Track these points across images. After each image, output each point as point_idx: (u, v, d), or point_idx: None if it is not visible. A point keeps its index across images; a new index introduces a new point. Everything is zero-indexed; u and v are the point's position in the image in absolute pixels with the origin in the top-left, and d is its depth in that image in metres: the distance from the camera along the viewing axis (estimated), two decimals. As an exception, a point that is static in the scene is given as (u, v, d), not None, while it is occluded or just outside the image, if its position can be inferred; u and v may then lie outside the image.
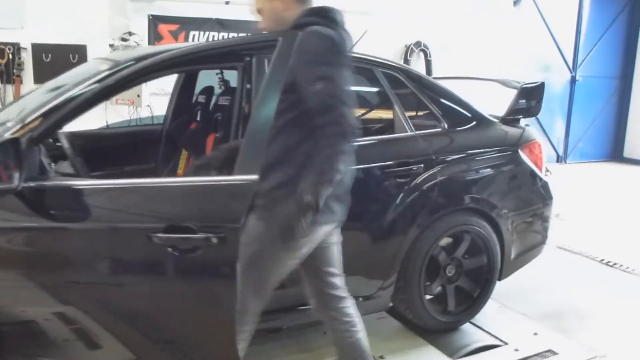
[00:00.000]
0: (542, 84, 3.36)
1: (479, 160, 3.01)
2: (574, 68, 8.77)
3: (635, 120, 9.16)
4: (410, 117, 2.91)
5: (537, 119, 8.50)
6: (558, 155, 8.97)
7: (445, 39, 7.04)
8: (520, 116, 3.33)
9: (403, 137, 2.83)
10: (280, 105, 1.80)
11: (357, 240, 2.64)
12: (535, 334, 3.09)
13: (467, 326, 3.13)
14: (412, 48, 7.03)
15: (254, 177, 1.69)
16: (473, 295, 3.04)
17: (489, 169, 3.03)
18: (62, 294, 1.84)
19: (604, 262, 4.34)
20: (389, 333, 3.04)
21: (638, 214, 5.83)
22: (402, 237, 2.73)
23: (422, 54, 7.13)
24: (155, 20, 5.77)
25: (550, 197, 3.32)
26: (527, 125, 3.38)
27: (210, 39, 6.01)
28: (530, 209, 3.23)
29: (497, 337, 3.03)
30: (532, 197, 3.23)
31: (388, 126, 2.86)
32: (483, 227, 2.96)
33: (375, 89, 2.93)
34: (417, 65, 7.10)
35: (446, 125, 2.97)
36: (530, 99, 3.29)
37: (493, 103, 3.37)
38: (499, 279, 3.17)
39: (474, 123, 3.10)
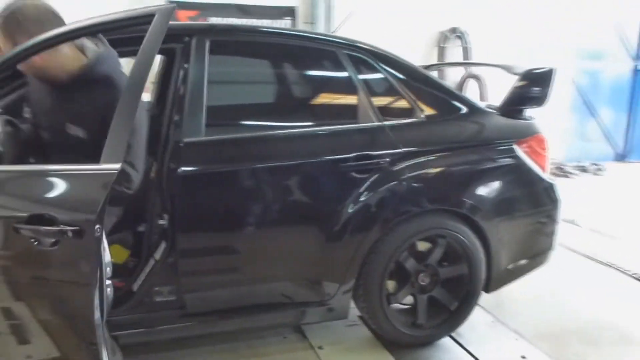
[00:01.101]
0: (552, 70, 2.92)
1: (461, 155, 2.64)
2: (638, 56, 7.92)
3: None
4: (381, 106, 2.60)
5: (592, 112, 7.80)
6: (617, 153, 8.18)
7: (485, 24, 6.52)
8: (524, 106, 2.91)
9: (365, 128, 2.52)
10: None
11: (307, 239, 2.40)
12: (523, 357, 2.70)
13: (446, 341, 2.80)
14: (446, 35, 6.57)
15: (117, 165, 1.48)
16: (450, 308, 2.70)
17: (472, 166, 2.65)
18: None
19: (635, 276, 3.81)
20: (354, 343, 2.75)
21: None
22: (360, 239, 2.43)
23: (458, 41, 6.65)
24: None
25: (556, 200, 2.89)
26: (530, 117, 2.96)
27: (231, 25, 5.87)
28: (528, 213, 2.81)
29: (475, 358, 2.67)
30: (531, 199, 2.82)
31: (350, 115, 2.56)
32: (462, 231, 2.60)
33: (336, 74, 2.62)
34: (453, 53, 6.64)
35: (423, 115, 2.63)
36: (535, 86, 2.87)
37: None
38: (487, 291, 2.81)
39: (460, 113, 2.74)
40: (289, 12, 6.12)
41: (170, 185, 2.20)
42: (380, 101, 2.61)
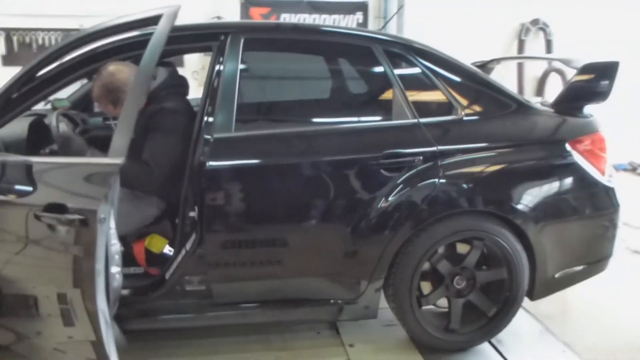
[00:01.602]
0: (615, 64, 2.69)
1: (503, 155, 2.51)
2: None
3: None
4: (418, 102, 2.52)
5: None
6: None
7: (570, 15, 6.08)
8: (583, 102, 2.70)
9: (399, 125, 2.47)
10: None
11: (334, 235, 2.39)
12: (567, 371, 2.53)
13: (485, 348, 2.67)
14: (527, 26, 6.22)
15: (118, 160, 1.57)
16: (487, 314, 2.58)
17: (515, 167, 2.52)
18: None
19: None
20: (387, 343, 2.70)
21: None
22: (389, 238, 2.38)
23: (541, 33, 6.28)
24: (247, 4, 5.86)
25: (615, 205, 2.66)
26: (589, 115, 2.74)
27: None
28: (579, 218, 2.62)
29: (513, 368, 2.54)
30: (583, 204, 2.62)
31: (385, 112, 2.52)
32: (501, 235, 2.47)
33: (370, 70, 2.58)
34: (534, 46, 6.27)
35: (464, 113, 2.53)
36: (596, 81, 2.66)
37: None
38: (532, 299, 2.65)
39: (507, 111, 2.60)
40: (361, 7, 6.10)
41: (199, 179, 2.28)
42: (417, 97, 2.54)
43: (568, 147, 2.56)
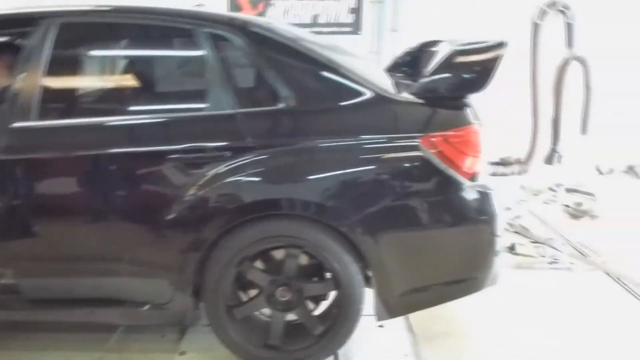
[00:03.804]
0: (500, 45, 2.25)
1: (331, 151, 2.17)
2: None
3: None
4: (242, 91, 2.27)
5: None
6: None
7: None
8: (451, 92, 2.27)
9: (210, 116, 2.22)
10: None
11: (130, 234, 2.22)
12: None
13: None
14: (544, 9, 5.50)
15: None
16: (312, 332, 2.27)
17: (345, 165, 2.18)
18: None
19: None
20: (222, 355, 2.44)
21: None
22: (190, 240, 2.17)
23: (560, 17, 5.53)
24: (235, -10, 5.76)
25: (488, 214, 2.23)
26: (464, 104, 2.29)
27: (289, 8, 5.80)
28: (432, 228, 2.21)
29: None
30: (439, 211, 2.21)
31: (201, 101, 2.27)
32: (323, 243, 2.16)
33: (189, 55, 2.35)
34: (550, 31, 5.54)
35: (294, 102, 2.22)
36: (468, 66, 2.25)
37: None
38: (378, 319, 2.32)
39: (353, 100, 2.25)
40: (354, -10, 5.76)
41: (-1, 171, 2.21)
42: (241, 86, 2.28)
43: (420, 143, 2.18)
